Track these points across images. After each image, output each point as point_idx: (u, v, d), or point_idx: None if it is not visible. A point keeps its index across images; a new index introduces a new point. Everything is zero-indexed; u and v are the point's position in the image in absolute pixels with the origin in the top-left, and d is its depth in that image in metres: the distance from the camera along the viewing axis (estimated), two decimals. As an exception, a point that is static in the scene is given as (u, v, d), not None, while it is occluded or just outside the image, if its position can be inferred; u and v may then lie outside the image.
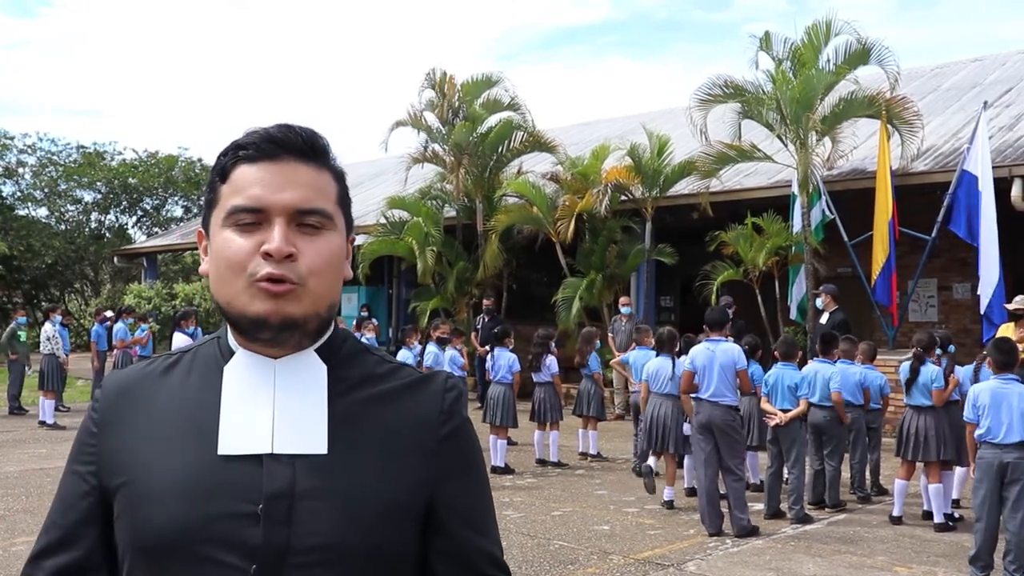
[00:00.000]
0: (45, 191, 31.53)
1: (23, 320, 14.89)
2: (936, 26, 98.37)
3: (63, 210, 32.08)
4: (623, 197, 14.81)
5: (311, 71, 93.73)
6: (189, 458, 1.17)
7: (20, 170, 31.09)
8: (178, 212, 33.85)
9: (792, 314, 13.15)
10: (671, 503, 8.04)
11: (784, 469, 7.74)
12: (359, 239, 16.20)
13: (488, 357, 10.58)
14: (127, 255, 26.62)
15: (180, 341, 10.83)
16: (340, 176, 1.27)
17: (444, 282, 16.92)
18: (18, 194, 31.18)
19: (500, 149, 16.93)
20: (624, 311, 13.65)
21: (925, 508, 7.59)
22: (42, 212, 31.84)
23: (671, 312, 19.20)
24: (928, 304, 15.22)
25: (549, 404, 10.20)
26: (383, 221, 17.26)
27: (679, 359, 8.22)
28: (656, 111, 21.33)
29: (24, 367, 14.23)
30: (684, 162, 14.37)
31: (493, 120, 16.99)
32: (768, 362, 8.50)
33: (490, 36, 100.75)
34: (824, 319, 11.16)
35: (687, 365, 7.47)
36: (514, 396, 9.99)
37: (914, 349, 7.73)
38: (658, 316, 17.24)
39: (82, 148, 32.23)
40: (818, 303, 11.55)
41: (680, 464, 8.50)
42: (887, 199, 11.80)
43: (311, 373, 1.22)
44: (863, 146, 13.40)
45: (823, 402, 7.90)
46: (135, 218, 33.97)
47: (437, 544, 1.23)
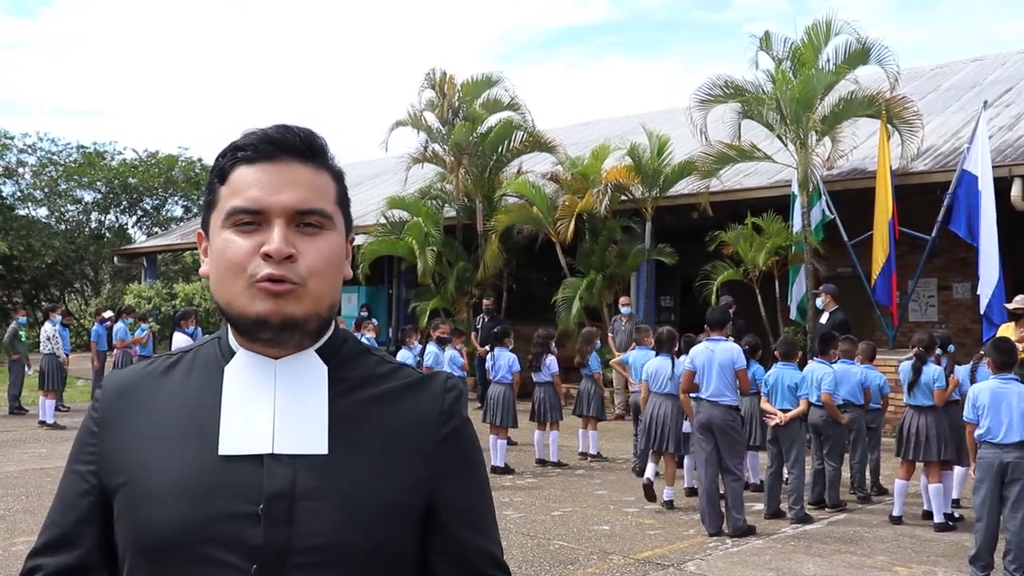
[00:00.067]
0: (45, 191, 31.54)
1: (23, 320, 14.89)
2: (936, 26, 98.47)
3: (63, 210, 32.08)
4: (623, 197, 14.80)
5: (311, 71, 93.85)
6: (189, 458, 1.17)
7: (20, 170, 31.13)
8: (178, 212, 33.91)
9: (792, 314, 13.13)
10: (671, 503, 8.04)
11: (784, 469, 7.74)
12: (359, 239, 16.21)
13: (488, 357, 10.57)
14: (127, 255, 26.62)
15: (180, 341, 10.83)
16: (339, 176, 1.27)
17: (444, 282, 16.91)
18: (18, 194, 31.22)
19: (500, 149, 16.91)
20: (624, 311, 13.65)
21: (925, 508, 7.59)
22: (42, 212, 31.90)
23: (671, 312, 19.18)
24: (928, 304, 15.21)
25: (549, 404, 10.20)
26: (383, 221, 17.25)
27: (679, 359, 8.23)
28: (656, 111, 21.33)
29: (24, 367, 14.23)
30: (684, 162, 14.36)
31: (493, 120, 16.98)
32: (768, 362, 8.50)
33: (490, 36, 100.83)
34: (824, 319, 11.16)
35: (687, 364, 7.48)
36: (514, 396, 9.99)
37: (915, 349, 7.73)
38: (658, 316, 17.23)
39: (82, 148, 32.26)
40: (818, 303, 11.54)
41: (680, 464, 8.51)
42: (887, 199, 11.79)
43: (312, 373, 1.22)
44: (863, 146, 13.40)
45: (821, 402, 7.90)
46: (135, 218, 34.00)
47: (437, 544, 1.23)
